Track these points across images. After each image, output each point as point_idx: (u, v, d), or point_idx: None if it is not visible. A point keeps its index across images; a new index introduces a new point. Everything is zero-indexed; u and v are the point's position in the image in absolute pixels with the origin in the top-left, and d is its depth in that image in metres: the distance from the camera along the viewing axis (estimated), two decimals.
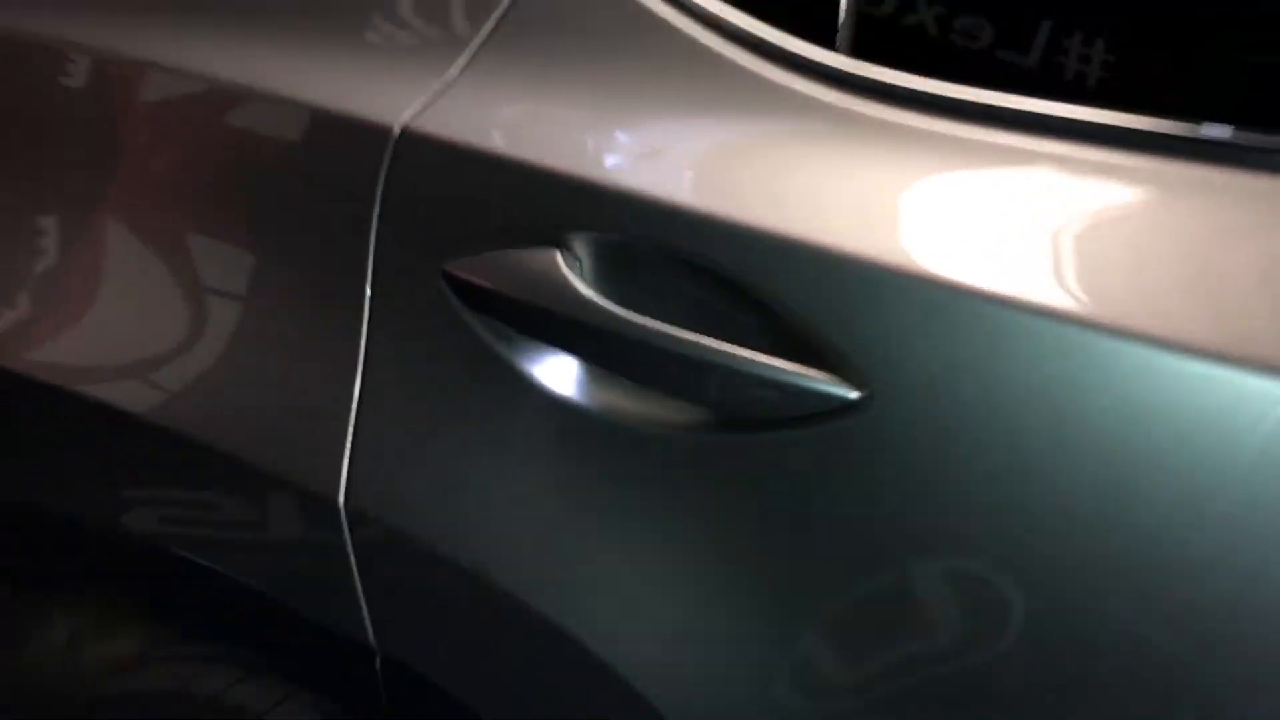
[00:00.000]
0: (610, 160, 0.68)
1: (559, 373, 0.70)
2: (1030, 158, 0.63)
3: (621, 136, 0.69)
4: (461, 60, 0.73)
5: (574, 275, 0.68)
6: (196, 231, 0.81)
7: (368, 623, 0.77)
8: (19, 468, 0.91)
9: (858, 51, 0.67)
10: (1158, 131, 0.61)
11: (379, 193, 0.73)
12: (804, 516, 0.65)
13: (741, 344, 0.64)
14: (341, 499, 0.75)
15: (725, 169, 0.66)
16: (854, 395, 0.61)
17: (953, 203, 0.64)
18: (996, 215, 0.62)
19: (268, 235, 0.79)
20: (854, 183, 0.64)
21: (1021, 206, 0.63)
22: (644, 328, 0.66)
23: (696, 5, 0.70)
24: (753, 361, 0.63)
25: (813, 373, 0.62)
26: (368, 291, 0.75)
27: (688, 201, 0.65)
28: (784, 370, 0.62)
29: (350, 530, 0.76)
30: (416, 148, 0.72)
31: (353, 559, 0.76)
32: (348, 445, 0.75)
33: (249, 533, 0.79)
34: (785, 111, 0.67)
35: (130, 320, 0.82)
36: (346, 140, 0.74)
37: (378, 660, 0.79)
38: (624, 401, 0.68)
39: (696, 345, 0.65)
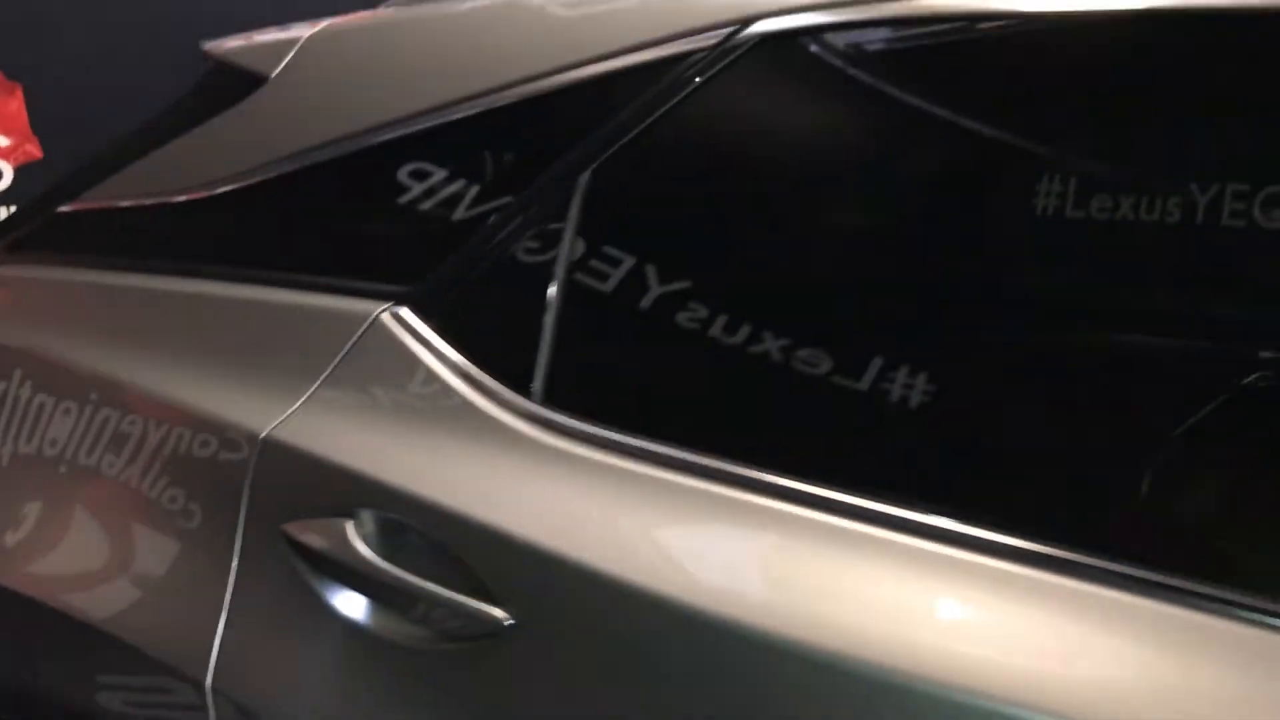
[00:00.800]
0: (386, 463, 1.06)
1: (349, 603, 1.06)
2: (662, 485, 0.98)
3: (395, 445, 1.07)
4: (307, 393, 1.12)
5: (357, 537, 1.04)
6: (133, 494, 1.20)
7: None
8: None
9: (550, 396, 1.05)
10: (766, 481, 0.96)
11: (249, 473, 1.12)
12: (494, 707, 0.99)
13: (449, 587, 1.00)
14: (209, 683, 1.11)
15: (449, 473, 1.04)
16: (508, 623, 0.96)
17: (593, 504, 1.00)
18: (621, 515, 0.98)
19: (179, 494, 1.17)
20: (530, 486, 1.01)
21: (642, 513, 0.98)
22: (395, 575, 1.02)
23: (458, 364, 1.08)
24: (453, 598, 0.99)
25: (485, 607, 0.97)
26: (239, 537, 1.12)
27: (421, 493, 1.02)
28: (468, 604, 0.98)
29: (213, 706, 1.11)
30: (273, 447, 1.11)
31: None
32: (216, 645, 1.11)
33: (147, 707, 1.15)
34: (495, 437, 1.04)
35: (78, 553, 1.21)
36: (233, 439, 1.13)
37: None
38: (387, 624, 1.04)
39: (423, 587, 1.01)
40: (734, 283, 1.06)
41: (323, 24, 1.32)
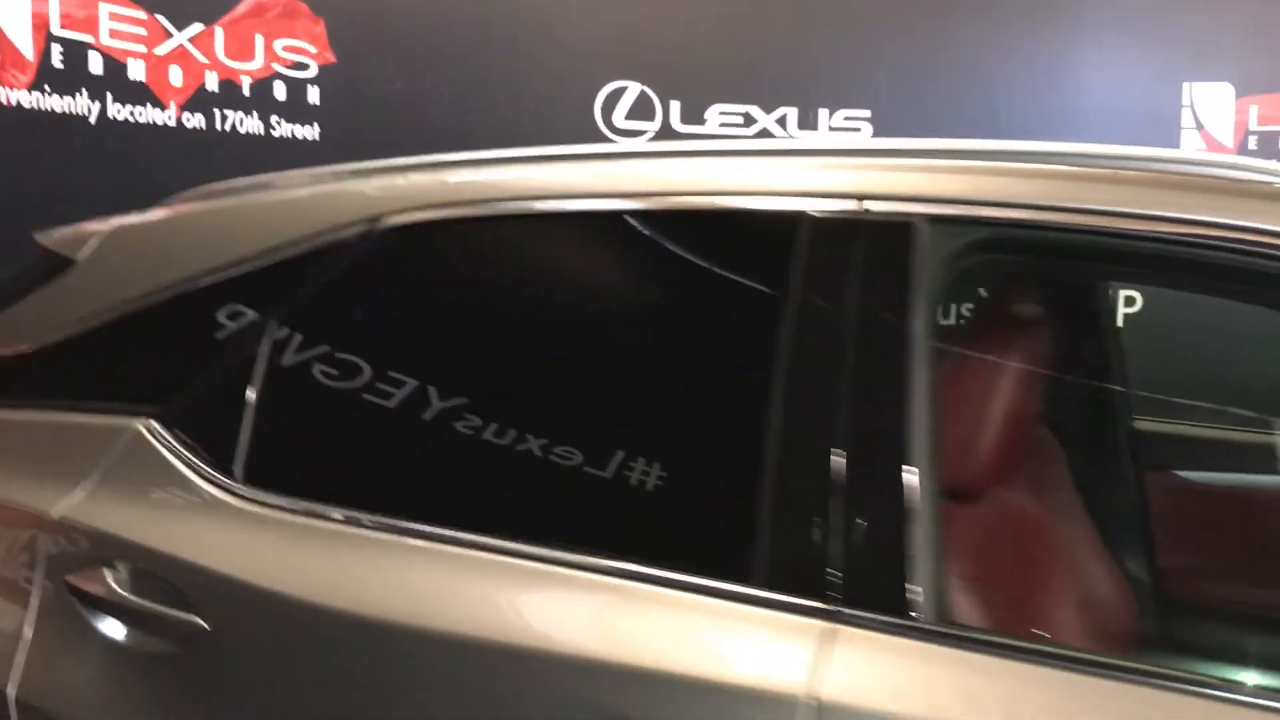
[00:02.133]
0: (134, 528, 1.53)
1: (110, 626, 1.52)
2: (331, 534, 1.47)
3: (141, 515, 1.55)
4: (87, 483, 1.60)
5: (113, 580, 1.51)
6: None
7: None
8: None
9: (247, 476, 1.53)
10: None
11: (42, 541, 1.59)
12: (205, 685, 1.46)
13: (171, 608, 1.46)
14: (13, 692, 1.55)
15: (175, 532, 1.51)
16: (207, 629, 1.43)
17: (272, 548, 1.47)
18: (291, 552, 1.46)
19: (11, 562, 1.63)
20: (227, 538, 1.49)
21: (310, 550, 1.46)
22: (137, 602, 1.49)
23: (187, 458, 1.57)
24: (171, 613, 1.46)
25: (190, 617, 1.44)
26: (36, 586, 1.58)
27: (155, 547, 1.49)
28: (181, 617, 1.45)
29: (17, 712, 1.55)
30: (59, 523, 1.58)
31: None
32: (19, 664, 1.56)
33: None
34: (209, 507, 1.52)
35: None
36: (35, 519, 1.61)
37: None
38: (134, 639, 1.50)
39: (154, 608, 1.47)
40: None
41: (118, 220, 1.83)
